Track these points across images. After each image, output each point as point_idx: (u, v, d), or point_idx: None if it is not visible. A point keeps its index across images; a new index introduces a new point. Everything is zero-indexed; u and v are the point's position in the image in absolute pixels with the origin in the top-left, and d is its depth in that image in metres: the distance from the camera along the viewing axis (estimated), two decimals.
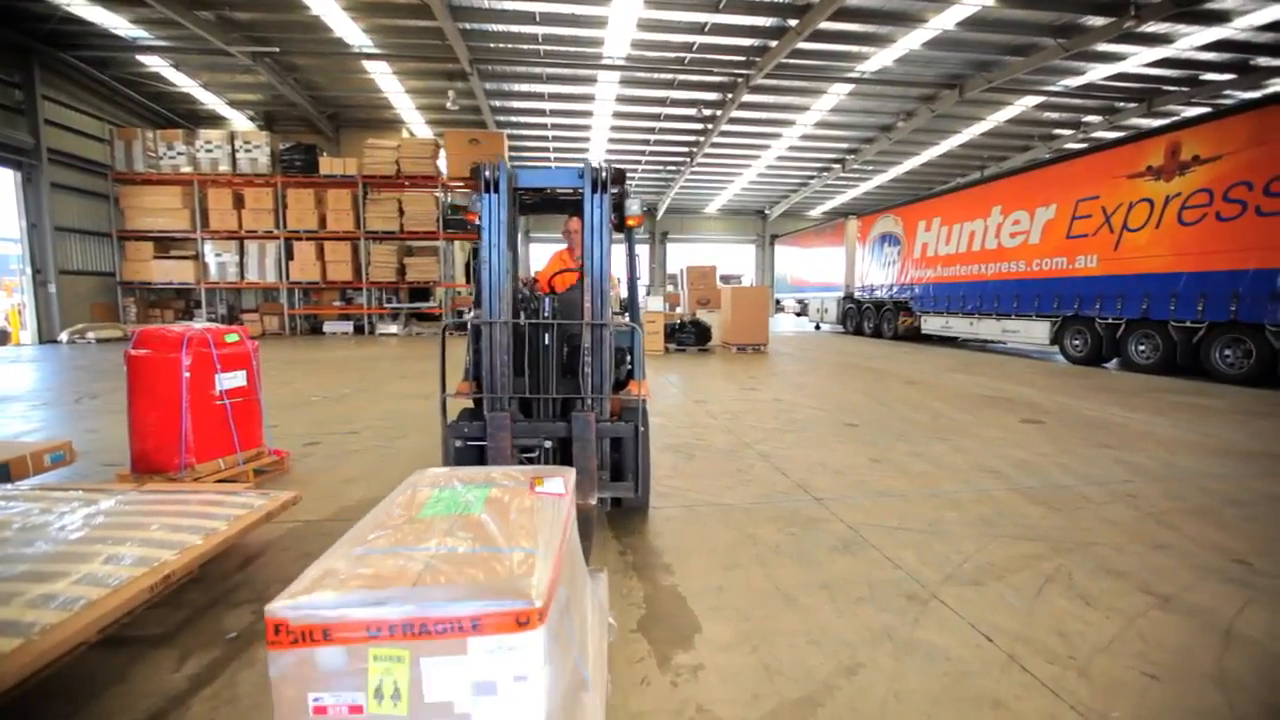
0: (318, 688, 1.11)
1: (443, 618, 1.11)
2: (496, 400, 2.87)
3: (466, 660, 1.11)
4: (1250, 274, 7.81)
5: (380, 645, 1.11)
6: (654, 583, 2.55)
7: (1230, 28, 12.48)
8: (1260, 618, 2.27)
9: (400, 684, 1.11)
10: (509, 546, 1.33)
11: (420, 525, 1.43)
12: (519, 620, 1.12)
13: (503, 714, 1.12)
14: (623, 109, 17.58)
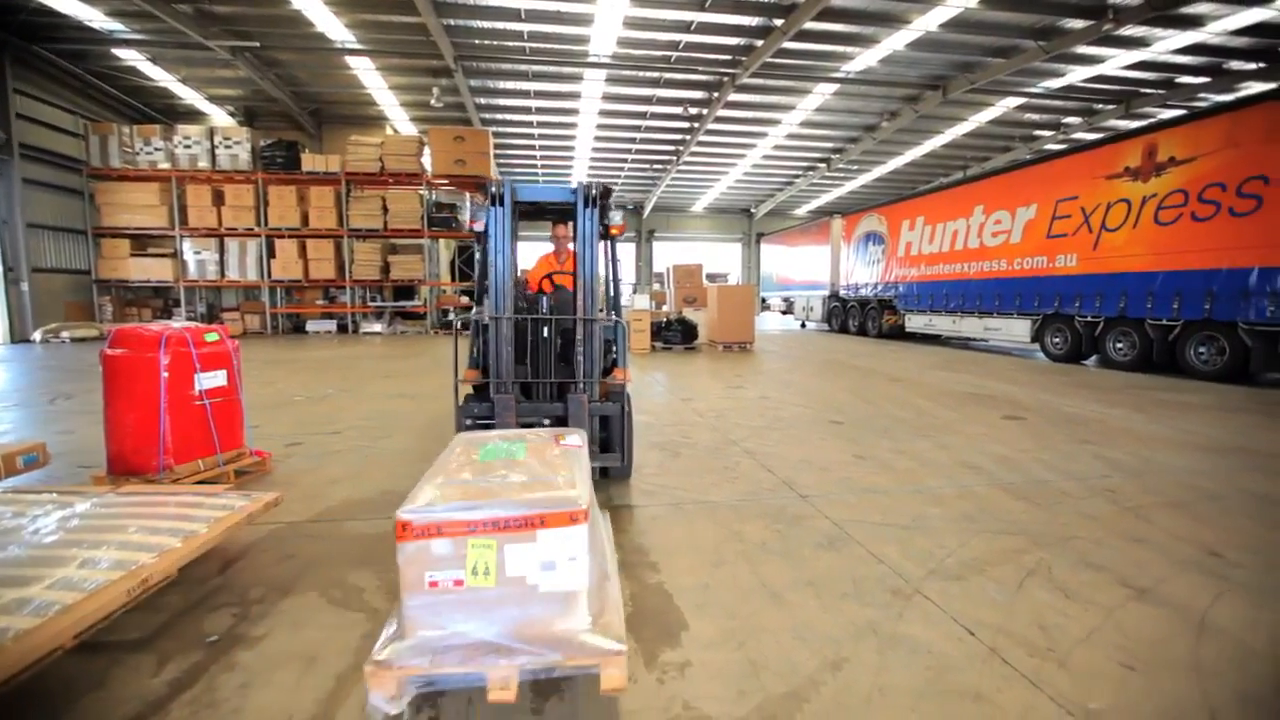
0: (432, 569, 1.62)
1: (519, 516, 1.64)
2: (501, 385, 3.31)
3: (535, 546, 1.64)
4: (1223, 273, 7.98)
5: (476, 538, 1.63)
6: (641, 581, 2.55)
7: (1204, 32, 12.73)
8: (1232, 609, 2.32)
9: (490, 564, 1.63)
10: (553, 475, 1.86)
11: (482, 465, 1.93)
12: (571, 517, 1.66)
13: (559, 584, 1.65)
14: (609, 107, 17.55)
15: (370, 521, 3.18)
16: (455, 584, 1.62)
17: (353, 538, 2.98)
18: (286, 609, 2.30)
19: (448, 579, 1.62)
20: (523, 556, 1.64)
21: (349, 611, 2.29)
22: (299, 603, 2.35)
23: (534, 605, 1.65)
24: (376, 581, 2.51)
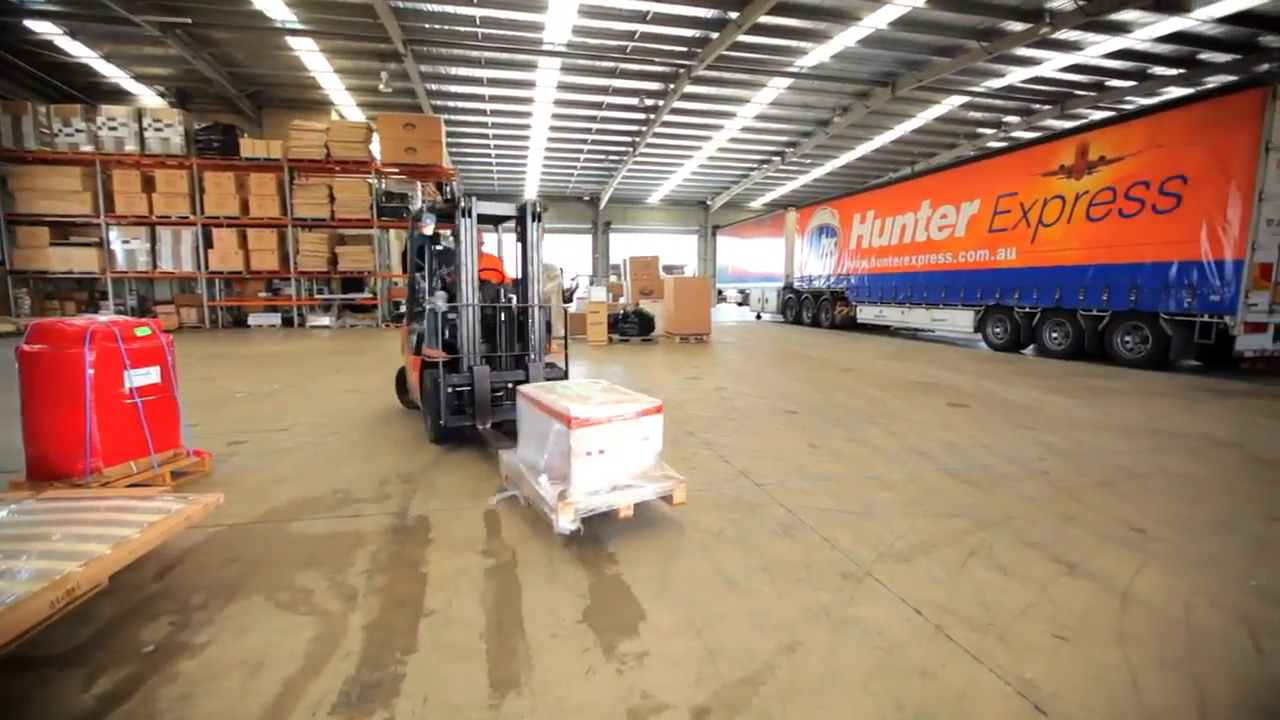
0: (587, 445, 2.76)
1: (627, 414, 2.86)
2: (470, 358, 4.29)
3: (638, 428, 2.90)
4: (1147, 266, 8.49)
5: (607, 425, 2.80)
6: (599, 573, 2.55)
7: (1131, 38, 13.43)
8: (1153, 580, 2.48)
9: (615, 439, 2.83)
10: (626, 394, 3.10)
11: (581, 396, 3.05)
12: (658, 410, 2.97)
13: (652, 448, 2.96)
14: (564, 97, 17.33)
15: (320, 520, 3.08)
16: (601, 453, 2.81)
17: (301, 538, 2.88)
18: (231, 614, 2.21)
19: (594, 449, 2.79)
20: (631, 433, 2.89)
21: (297, 615, 2.21)
22: (244, 607, 2.26)
23: (640, 460, 2.95)
24: (326, 583, 2.44)
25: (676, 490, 2.89)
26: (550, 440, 2.88)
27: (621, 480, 2.85)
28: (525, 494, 3.07)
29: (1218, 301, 7.67)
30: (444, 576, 2.51)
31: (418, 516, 3.16)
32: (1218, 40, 13.66)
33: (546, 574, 2.53)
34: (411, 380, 5.09)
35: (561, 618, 2.20)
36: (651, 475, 2.94)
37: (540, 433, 2.99)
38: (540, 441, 2.99)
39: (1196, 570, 2.57)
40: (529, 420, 3.18)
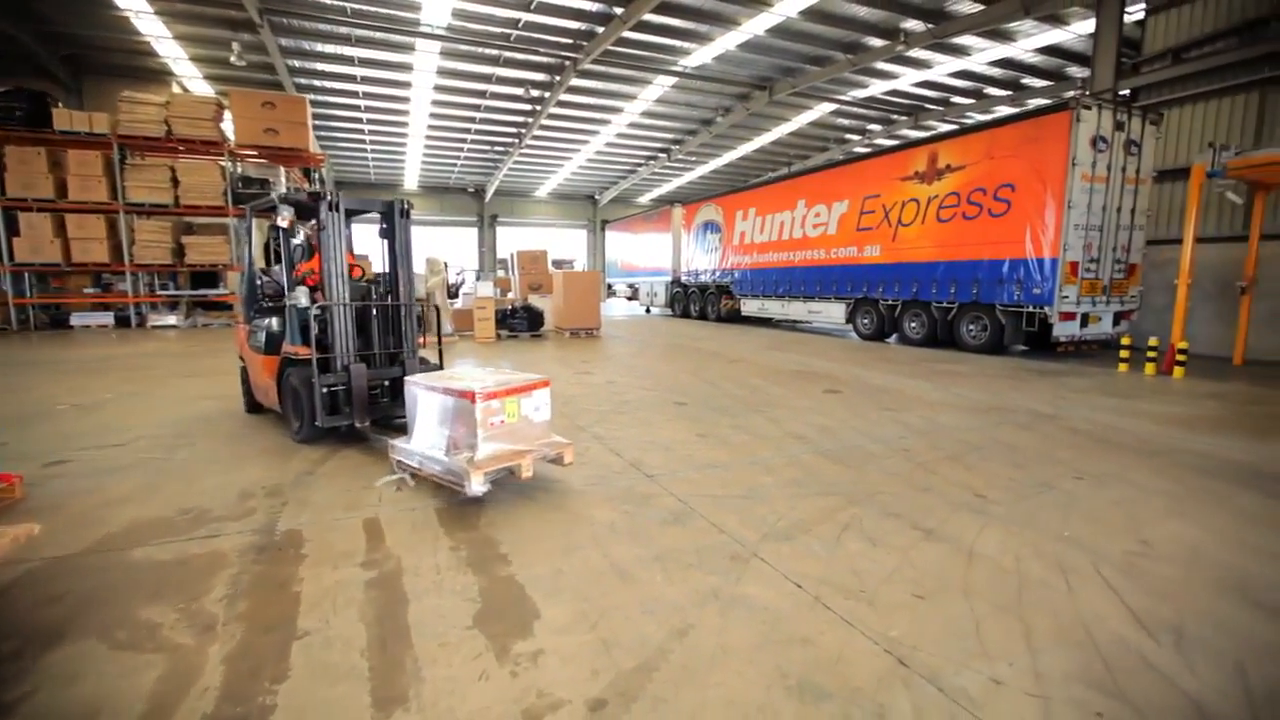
0: (492, 416, 3.17)
1: (526, 386, 3.35)
2: (344, 356, 4.20)
3: (533, 400, 3.37)
4: (985, 264, 9.60)
5: (510, 398, 3.25)
6: (490, 574, 2.48)
7: (970, 61, 15.13)
8: (991, 538, 2.82)
9: (515, 411, 3.27)
10: (521, 371, 3.68)
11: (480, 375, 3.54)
12: (545, 384, 3.46)
13: (543, 417, 3.43)
14: (445, 82, 16.59)
15: (169, 545, 2.74)
16: (501, 423, 3.19)
17: (145, 567, 2.54)
18: (54, 661, 1.91)
19: (498, 420, 3.18)
20: (528, 405, 3.33)
21: (140, 654, 1.96)
22: (72, 652, 1.96)
23: (533, 429, 3.37)
24: (176, 615, 2.18)
25: (565, 452, 3.42)
26: (454, 417, 3.21)
27: (520, 446, 3.25)
28: (428, 473, 3.35)
29: (1039, 294, 8.84)
30: (320, 594, 2.33)
31: (288, 531, 2.90)
32: (1037, 68, 15.73)
33: (434, 582, 2.42)
34: (262, 382, 4.69)
35: (452, 625, 2.12)
36: (544, 441, 3.41)
37: (440, 414, 3.30)
38: (439, 423, 3.30)
39: (1023, 527, 2.95)
40: (426, 406, 3.41)
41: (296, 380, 4.17)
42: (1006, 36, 13.86)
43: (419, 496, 3.37)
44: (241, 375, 5.30)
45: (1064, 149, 8.35)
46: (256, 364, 4.74)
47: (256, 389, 4.92)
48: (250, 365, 4.94)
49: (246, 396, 5.26)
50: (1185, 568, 2.57)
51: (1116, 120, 8.57)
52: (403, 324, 4.50)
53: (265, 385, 4.63)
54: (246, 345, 4.97)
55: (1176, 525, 3.01)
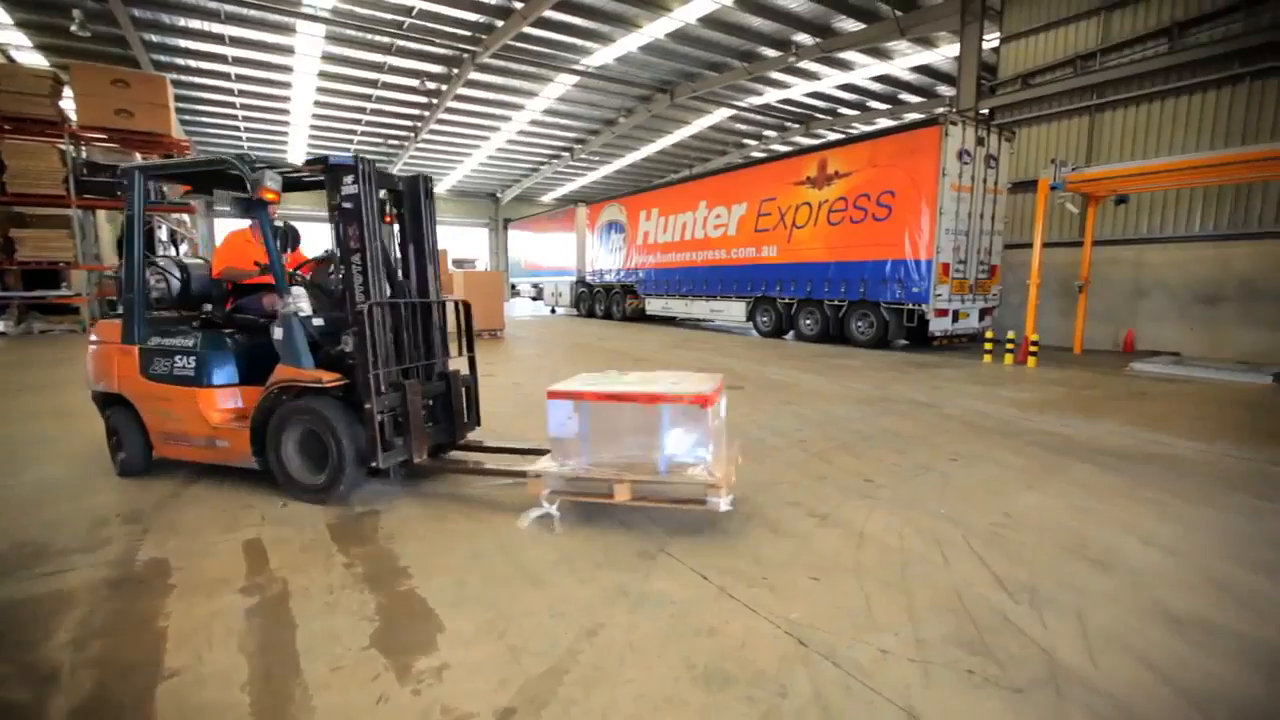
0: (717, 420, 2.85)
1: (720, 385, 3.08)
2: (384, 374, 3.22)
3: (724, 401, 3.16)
4: (870, 264, 10.32)
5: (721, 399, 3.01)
6: (389, 590, 2.36)
7: (854, 75, 16.19)
8: (879, 520, 3.04)
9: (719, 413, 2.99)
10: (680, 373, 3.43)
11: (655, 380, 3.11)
12: None
13: None
14: (332, 69, 15.54)
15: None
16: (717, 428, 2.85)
17: None
18: None
19: (716, 424, 2.85)
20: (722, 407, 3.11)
21: None
22: None
23: None
24: (8, 666, 1.89)
25: (739, 454, 3.24)
26: (671, 426, 2.77)
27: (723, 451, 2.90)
28: (638, 494, 2.83)
29: (917, 293, 9.63)
30: (190, 628, 2.11)
31: (151, 561, 2.61)
32: (912, 85, 17.10)
33: (326, 603, 2.27)
34: (205, 426, 3.41)
35: (347, 647, 1.99)
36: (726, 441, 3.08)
37: (639, 427, 2.82)
38: (637, 436, 2.83)
39: (906, 507, 3.20)
40: (605, 418, 2.87)
41: (328, 415, 3.13)
42: (886, 55, 14.97)
43: (309, 515, 3.14)
44: (110, 420, 3.70)
45: (935, 160, 9.14)
46: (187, 402, 3.42)
47: (177, 438, 3.52)
48: (155, 404, 3.51)
49: (126, 450, 3.65)
50: (1038, 534, 2.89)
51: (978, 136, 9.50)
52: (433, 328, 3.69)
53: (213, 431, 3.39)
54: (138, 375, 3.54)
55: (1030, 497, 3.39)
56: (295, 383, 3.20)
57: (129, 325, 3.57)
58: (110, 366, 3.63)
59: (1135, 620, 2.15)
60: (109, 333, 3.69)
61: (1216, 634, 2.07)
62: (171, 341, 3.50)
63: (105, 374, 3.65)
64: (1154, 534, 2.90)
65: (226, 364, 3.48)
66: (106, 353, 3.66)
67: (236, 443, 3.36)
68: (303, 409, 3.20)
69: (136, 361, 3.54)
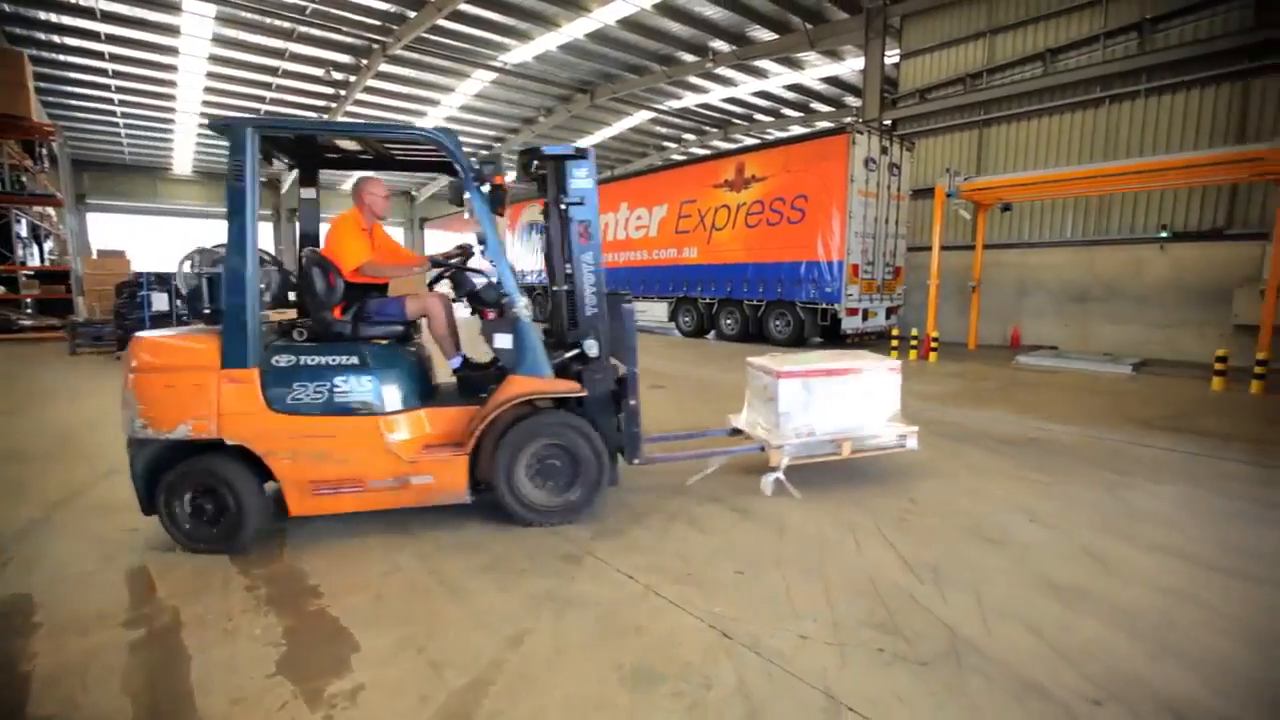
0: None
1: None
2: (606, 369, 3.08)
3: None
4: (786, 265, 10.73)
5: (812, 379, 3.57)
6: (297, 611, 2.21)
7: (769, 83, 16.78)
8: (799, 512, 3.16)
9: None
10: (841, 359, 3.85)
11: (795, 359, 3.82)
12: None
13: None
14: (223, 53, 14.40)
15: None
16: None
17: None
18: None
19: None
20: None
21: None
22: None
23: None
24: None
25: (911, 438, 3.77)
26: (872, 392, 3.63)
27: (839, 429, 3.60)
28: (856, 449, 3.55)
29: (830, 292, 10.10)
30: (62, 668, 1.89)
31: (11, 598, 2.32)
32: (822, 95, 17.94)
33: (225, 630, 2.09)
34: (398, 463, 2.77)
35: (249, 676, 1.85)
36: None
37: (844, 394, 3.56)
38: (845, 401, 3.56)
39: (827, 499, 3.35)
40: (833, 391, 3.55)
41: (581, 426, 2.91)
42: (798, 65, 15.61)
43: None
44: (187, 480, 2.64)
45: (844, 167, 9.62)
46: (362, 436, 2.74)
47: (338, 486, 2.75)
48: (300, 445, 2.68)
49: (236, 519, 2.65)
50: (940, 517, 3.10)
51: (882, 145, 10.09)
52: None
53: (409, 467, 2.78)
54: (262, 408, 2.65)
55: (932, 482, 3.63)
56: (543, 395, 2.88)
57: (238, 342, 2.61)
58: (202, 401, 2.59)
59: (1024, 591, 2.35)
60: (187, 353, 2.65)
61: (1090, 599, 2.30)
62: (319, 359, 2.74)
63: (190, 413, 2.58)
64: (1037, 511, 3.18)
65: (411, 381, 2.93)
66: (190, 382, 2.59)
67: (445, 476, 2.82)
68: (551, 423, 2.90)
69: (257, 390, 2.64)
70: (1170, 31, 9.40)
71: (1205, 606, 2.25)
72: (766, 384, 3.60)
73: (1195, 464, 4.05)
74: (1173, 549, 2.74)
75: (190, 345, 2.68)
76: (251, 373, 2.63)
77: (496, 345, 2.95)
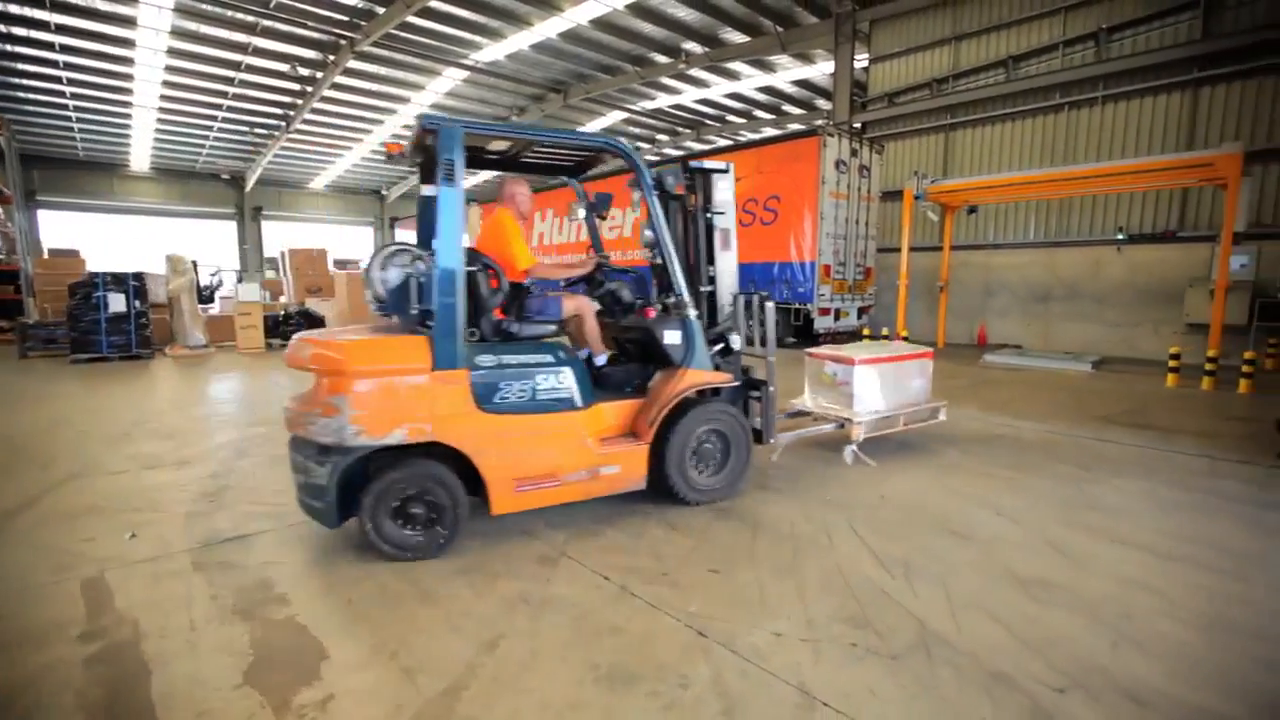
0: None
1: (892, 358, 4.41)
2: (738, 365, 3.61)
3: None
4: (760, 266, 10.82)
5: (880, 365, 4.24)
6: (264, 620, 2.16)
7: (741, 85, 16.91)
8: (772, 510, 3.19)
9: None
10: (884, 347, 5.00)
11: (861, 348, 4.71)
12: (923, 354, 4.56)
13: None
14: (183, 46, 13.94)
15: None
16: None
17: None
18: None
19: None
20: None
21: None
22: None
23: None
24: None
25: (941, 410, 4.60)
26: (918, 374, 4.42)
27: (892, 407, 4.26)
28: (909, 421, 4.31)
29: (803, 293, 10.22)
30: (16, 684, 1.82)
31: None
32: (793, 97, 18.14)
33: (188, 641, 2.03)
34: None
35: (215, 688, 1.80)
36: None
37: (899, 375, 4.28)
38: (898, 382, 4.26)
39: (796, 497, 3.39)
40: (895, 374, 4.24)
41: (735, 413, 3.32)
42: (770, 68, 15.76)
43: (163, 543, 2.80)
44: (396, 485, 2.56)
45: (816, 169, 9.75)
46: (563, 431, 2.88)
47: (539, 481, 2.82)
48: (508, 444, 2.74)
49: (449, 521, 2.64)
50: (908, 513, 3.16)
51: (852, 148, 10.25)
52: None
53: (601, 458, 2.95)
54: (473, 409, 2.66)
55: (903, 479, 3.70)
56: (707, 385, 3.22)
57: (449, 343, 2.61)
58: (419, 404, 2.57)
59: (990, 584, 2.41)
60: (404, 356, 2.59)
61: (1054, 590, 2.37)
62: (520, 359, 2.81)
63: (407, 416, 2.54)
64: (1003, 505, 3.27)
65: (589, 378, 3.07)
66: (409, 385, 2.57)
67: (631, 466, 3.03)
68: (712, 411, 3.22)
69: (468, 391, 2.66)
70: (1125, 41, 9.75)
71: (1161, 595, 2.34)
72: (837, 371, 4.13)
73: (1152, 458, 4.20)
74: (1131, 540, 2.84)
75: (404, 348, 2.63)
76: (462, 373, 2.65)
77: (667, 341, 3.16)
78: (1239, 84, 8.77)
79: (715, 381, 3.25)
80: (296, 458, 2.60)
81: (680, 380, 3.11)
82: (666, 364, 3.20)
